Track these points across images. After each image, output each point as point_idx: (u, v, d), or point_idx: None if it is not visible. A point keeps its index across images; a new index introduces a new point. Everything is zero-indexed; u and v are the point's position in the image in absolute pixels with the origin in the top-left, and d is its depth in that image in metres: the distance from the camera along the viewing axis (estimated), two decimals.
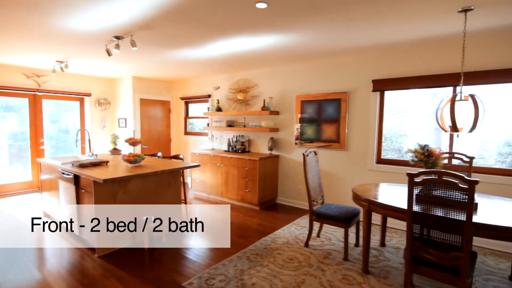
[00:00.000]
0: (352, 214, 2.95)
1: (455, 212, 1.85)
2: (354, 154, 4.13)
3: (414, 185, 1.91)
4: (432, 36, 3.11)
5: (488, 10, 2.40)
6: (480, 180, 3.13)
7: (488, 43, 3.15)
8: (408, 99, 3.92)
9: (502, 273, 2.67)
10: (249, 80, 5.24)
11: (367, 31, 2.96)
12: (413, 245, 2.02)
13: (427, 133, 3.79)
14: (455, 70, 3.30)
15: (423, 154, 2.36)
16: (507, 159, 3.34)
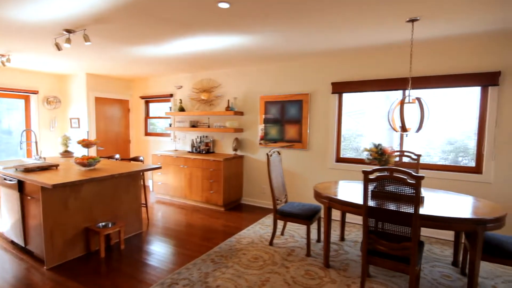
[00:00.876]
0: (313, 211, 3.06)
1: (405, 205, 2.01)
2: (315, 153, 4.28)
3: (368, 181, 2.03)
4: (385, 43, 3.34)
5: (432, 21, 2.64)
6: (425, 175, 3.46)
7: (433, 51, 3.46)
8: (364, 101, 4.16)
9: (446, 259, 2.95)
10: (213, 80, 5.18)
11: (327, 36, 3.09)
12: (368, 238, 2.15)
13: (381, 133, 4.05)
14: (404, 75, 3.59)
15: (377, 152, 2.52)
16: (449, 156, 3.70)
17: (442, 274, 2.65)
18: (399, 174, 1.91)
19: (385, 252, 2.12)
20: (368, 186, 2.05)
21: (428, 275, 2.62)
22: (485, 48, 3.23)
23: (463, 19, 2.56)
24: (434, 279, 2.55)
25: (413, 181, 1.86)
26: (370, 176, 2.01)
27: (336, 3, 2.27)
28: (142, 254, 3.03)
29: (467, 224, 2.05)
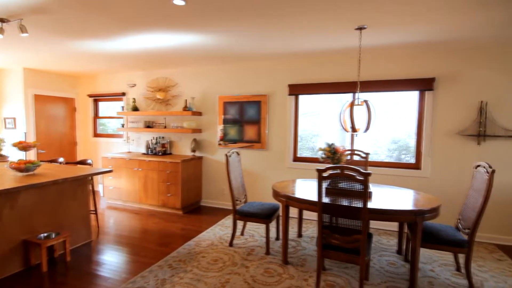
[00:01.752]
0: (272, 210, 3.12)
1: (355, 200, 2.15)
2: (274, 153, 4.37)
3: (322, 179, 2.13)
4: (337, 48, 3.54)
5: (377, 30, 2.86)
6: (373, 172, 3.73)
7: (378, 58, 3.76)
8: (319, 102, 4.36)
9: (392, 248, 3.22)
10: (169, 78, 5.01)
11: (284, 40, 3.17)
12: (323, 233, 2.25)
13: (335, 133, 4.28)
14: (354, 79, 3.84)
15: (330, 151, 2.66)
16: (393, 154, 4.05)
17: (389, 262, 2.89)
18: (349, 172, 2.04)
19: (339, 246, 2.25)
20: (322, 183, 2.15)
21: (377, 264, 2.84)
22: (422, 56, 3.59)
23: (403, 30, 2.82)
24: (381, 267, 2.77)
25: (361, 177, 2.00)
26: (323, 174, 2.11)
27: (291, 11, 2.34)
28: (92, 265, 2.81)
29: (408, 215, 2.26)
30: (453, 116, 3.52)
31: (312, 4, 2.26)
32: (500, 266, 2.86)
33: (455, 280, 2.57)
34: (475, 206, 2.37)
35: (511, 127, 3.31)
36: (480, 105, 3.39)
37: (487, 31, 2.84)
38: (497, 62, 3.34)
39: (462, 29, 2.79)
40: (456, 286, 2.48)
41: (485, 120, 3.37)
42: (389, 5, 2.26)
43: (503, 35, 2.95)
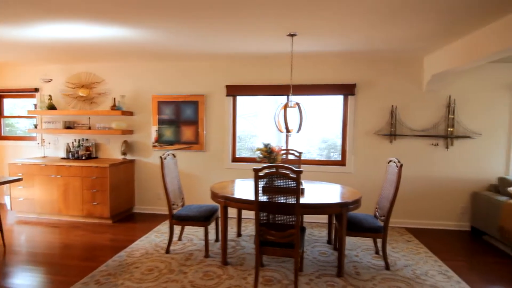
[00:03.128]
0: (211, 212, 3.08)
1: (290, 197, 2.27)
2: (212, 154, 4.33)
3: (258, 178, 2.20)
4: (272, 52, 3.68)
5: (308, 38, 3.07)
6: (305, 170, 3.97)
7: (309, 63, 4.04)
8: (257, 104, 4.48)
9: (323, 239, 3.49)
10: (94, 74, 4.53)
11: (220, 41, 3.16)
12: (260, 230, 2.32)
13: (272, 134, 4.45)
14: (287, 82, 4.04)
15: (266, 151, 2.75)
16: (323, 152, 4.40)
17: (320, 252, 3.13)
18: (283, 170, 2.14)
19: (275, 241, 2.34)
20: (258, 182, 2.21)
21: (310, 255, 3.04)
22: (346, 64, 3.99)
23: (329, 40, 3.09)
24: (314, 258, 2.98)
25: (294, 175, 2.12)
26: (259, 174, 2.18)
27: (224, 13, 2.35)
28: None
29: (335, 208, 2.49)
30: (371, 118, 4.00)
31: (245, 9, 2.30)
32: (409, 246, 3.35)
33: (375, 262, 2.92)
34: (389, 196, 2.73)
35: (415, 128, 3.92)
36: (391, 109, 3.92)
37: (397, 45, 3.30)
38: (404, 71, 3.91)
39: (377, 42, 3.19)
40: (375, 267, 2.81)
41: (395, 121, 3.92)
42: (316, 18, 2.45)
43: (409, 49, 3.47)
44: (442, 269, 2.80)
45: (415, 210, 4.01)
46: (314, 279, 2.57)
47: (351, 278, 2.59)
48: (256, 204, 2.28)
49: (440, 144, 3.90)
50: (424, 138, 3.91)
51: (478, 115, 3.82)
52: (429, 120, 3.89)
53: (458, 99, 3.82)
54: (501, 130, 3.80)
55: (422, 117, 3.90)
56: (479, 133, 3.81)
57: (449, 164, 3.90)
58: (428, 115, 3.89)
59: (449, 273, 2.72)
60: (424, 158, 3.94)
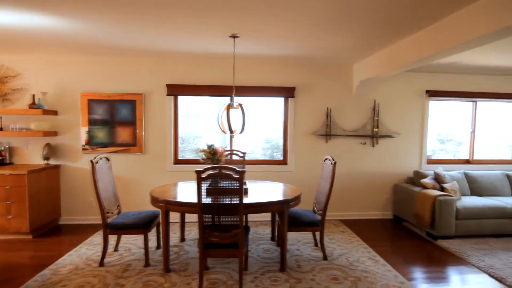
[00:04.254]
0: (150, 218, 2.91)
1: (234, 198, 2.27)
2: (152, 157, 4.10)
3: (201, 180, 2.16)
4: (215, 52, 3.65)
5: (250, 40, 3.12)
6: (249, 170, 4.06)
7: (251, 65, 4.11)
8: (201, 104, 4.39)
9: (267, 236, 3.59)
10: (8, 67, 3.90)
11: (160, 38, 3.01)
12: (204, 233, 2.28)
13: (217, 134, 4.40)
14: (231, 83, 4.06)
15: (209, 152, 2.72)
16: (267, 152, 4.53)
17: (264, 249, 3.21)
18: (226, 171, 2.14)
19: (220, 243, 2.32)
20: (201, 184, 2.17)
21: (255, 253, 3.10)
22: (286, 68, 4.18)
23: (269, 43, 3.19)
24: (258, 255, 3.04)
25: (237, 175, 2.14)
26: (202, 175, 2.14)
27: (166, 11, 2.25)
28: None
29: (277, 205, 2.58)
30: (309, 119, 4.26)
31: (188, 7, 2.24)
32: (344, 236, 3.65)
33: (314, 254, 3.11)
34: (325, 191, 2.94)
35: (347, 128, 4.30)
36: (327, 111, 4.24)
37: (332, 52, 3.58)
38: (338, 77, 4.26)
39: (315, 49, 3.42)
40: (314, 258, 3.00)
41: (330, 123, 4.25)
42: (257, 21, 2.51)
43: (342, 56, 3.79)
44: (371, 254, 3.12)
45: (348, 203, 4.40)
46: (259, 276, 2.63)
47: (293, 272, 2.72)
48: (199, 206, 2.24)
49: (368, 143, 4.35)
50: (355, 138, 4.32)
51: (397, 117, 4.37)
52: (359, 121, 4.32)
53: (381, 103, 4.32)
54: (416, 130, 4.42)
55: (352, 118, 4.31)
56: (399, 133, 4.37)
57: (375, 160, 4.38)
58: (358, 117, 4.31)
59: (376, 257, 3.05)
60: (354, 156, 4.35)
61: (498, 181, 4.18)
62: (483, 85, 4.48)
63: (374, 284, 2.52)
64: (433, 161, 4.54)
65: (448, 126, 4.69)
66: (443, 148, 4.77)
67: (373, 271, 2.76)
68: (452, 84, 4.43)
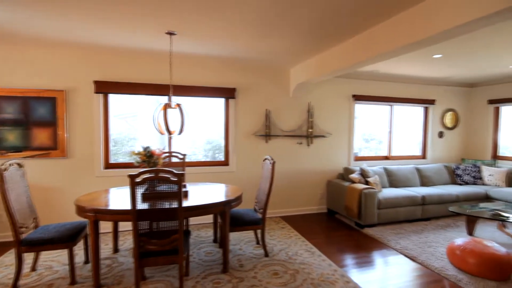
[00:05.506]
0: (76, 229, 2.61)
1: (173, 202, 2.18)
2: (78, 161, 3.68)
3: (135, 185, 2.02)
4: (150, 49, 3.45)
5: (188, 38, 3.04)
6: (190, 172, 3.96)
7: (190, 64, 4.01)
8: (137, 103, 4.09)
9: (209, 239, 3.53)
10: None
11: (88, 29, 2.72)
12: (140, 241, 2.14)
13: (155, 136, 4.17)
14: (168, 82, 3.90)
15: (145, 155, 2.56)
16: (209, 154, 4.46)
17: (206, 252, 3.16)
18: (164, 174, 2.05)
19: (158, 250, 2.21)
20: (135, 189, 2.03)
21: (196, 257, 3.03)
22: (227, 68, 4.18)
23: (208, 43, 3.16)
24: (200, 259, 2.98)
25: (175, 178, 2.06)
26: (136, 180, 2.00)
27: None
28: None
29: (219, 206, 2.57)
30: (250, 120, 4.34)
31: None
32: (283, 232, 3.82)
33: (256, 252, 3.18)
34: (265, 190, 3.04)
35: (285, 129, 4.50)
36: (266, 112, 4.38)
37: (271, 56, 3.70)
38: (277, 79, 4.44)
39: (254, 52, 3.49)
40: (256, 256, 3.07)
41: (270, 124, 4.40)
42: (194, 20, 2.46)
43: (280, 61, 3.95)
44: (308, 247, 3.33)
45: (287, 200, 4.62)
46: (201, 280, 2.57)
47: (236, 271, 2.74)
48: (133, 213, 2.09)
49: (304, 142, 4.63)
50: (292, 138, 4.56)
51: (329, 119, 4.75)
52: (295, 122, 4.57)
53: (315, 105, 4.65)
54: (344, 131, 4.86)
55: (290, 120, 4.54)
56: (330, 133, 4.76)
57: (311, 158, 4.69)
58: (295, 118, 4.56)
59: (313, 249, 3.26)
60: (292, 155, 4.58)
61: (410, 174, 4.87)
62: (398, 91, 5.17)
63: (311, 274, 2.70)
64: (359, 158, 5.06)
65: (371, 127, 5.28)
66: (368, 146, 5.36)
67: (310, 262, 2.95)
68: (374, 90, 5.01)
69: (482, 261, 2.64)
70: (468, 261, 2.72)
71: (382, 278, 2.70)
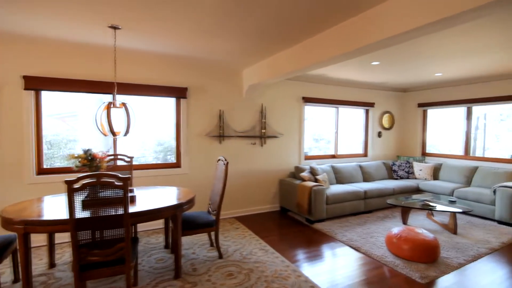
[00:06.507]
0: (1, 245, 2.29)
1: (120, 208, 2.04)
2: (4, 167, 3.23)
3: (73, 191, 1.84)
4: (92, 43, 3.17)
5: (134, 34, 2.86)
6: (138, 176, 3.74)
7: (137, 61, 3.79)
8: (77, 102, 3.73)
9: (160, 245, 3.38)
10: None
11: (13, 17, 2.39)
12: (80, 253, 1.95)
13: (98, 137, 3.84)
14: (112, 79, 3.63)
15: (86, 158, 2.35)
16: (160, 156, 4.26)
17: (157, 259, 3.01)
18: (107, 179, 1.90)
19: (101, 261, 2.04)
20: (73, 196, 1.85)
21: (146, 265, 2.87)
22: (178, 67, 4.04)
23: (157, 40, 3.02)
24: (150, 267, 2.83)
25: (120, 183, 1.93)
26: (74, 186, 1.83)
27: None
28: None
29: (169, 210, 2.47)
30: (202, 120, 4.26)
31: None
32: (238, 232, 3.82)
33: (210, 254, 3.13)
34: (218, 191, 3.01)
35: (238, 130, 4.52)
36: (220, 113, 4.35)
37: (222, 57, 3.68)
38: (230, 80, 4.43)
39: (203, 51, 3.43)
40: (210, 259, 3.02)
41: (223, 124, 4.38)
42: (139, 15, 2.34)
43: (233, 61, 3.94)
44: (262, 245, 3.39)
45: (242, 200, 4.64)
46: None
47: (189, 276, 2.66)
48: (71, 223, 1.90)
49: (257, 143, 4.71)
50: (246, 139, 4.60)
51: (281, 120, 4.90)
52: (249, 123, 4.61)
53: (267, 106, 4.75)
54: (295, 131, 5.05)
55: (243, 120, 4.57)
56: (282, 134, 4.91)
57: (264, 158, 4.78)
58: (248, 119, 4.61)
59: (267, 247, 3.33)
60: (246, 155, 4.62)
61: (354, 171, 5.27)
62: (343, 94, 5.55)
63: (265, 272, 2.75)
64: (309, 157, 5.31)
65: (320, 128, 5.58)
66: (317, 146, 5.65)
67: (264, 260, 3.00)
68: (322, 93, 5.30)
69: (414, 246, 2.97)
70: (403, 248, 3.03)
71: (331, 269, 2.87)
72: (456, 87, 5.51)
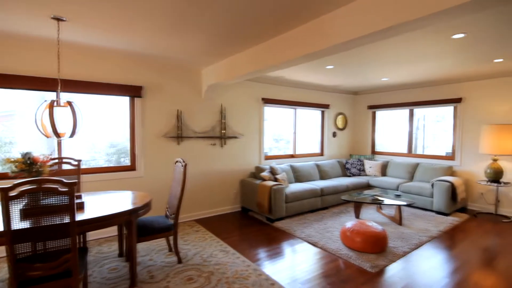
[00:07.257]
0: None
1: (65, 216, 1.86)
2: None
3: (9, 200, 1.64)
4: (32, 35, 2.87)
5: (82, 27, 2.65)
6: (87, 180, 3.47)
7: (84, 56, 3.51)
8: (14, 100, 3.33)
9: (113, 254, 3.17)
10: None
11: None
12: (18, 268, 1.75)
13: (40, 140, 3.48)
14: (55, 75, 3.32)
15: (24, 163, 2.11)
16: (113, 158, 4.00)
17: (110, 268, 2.82)
18: (49, 184, 1.73)
19: (44, 276, 1.85)
20: (9, 205, 1.65)
21: (97, 276, 2.68)
22: (132, 64, 3.83)
23: (108, 34, 2.83)
24: (103, 277, 2.65)
25: (65, 189, 1.77)
26: (10, 193, 1.63)
27: None
28: None
29: (123, 216, 2.33)
30: (159, 121, 4.10)
31: None
32: (198, 235, 3.75)
33: (168, 260, 3.02)
34: (177, 194, 2.92)
35: (198, 130, 4.43)
36: (177, 113, 4.22)
37: (179, 55, 3.57)
38: (188, 80, 4.32)
39: (159, 48, 3.31)
40: (169, 264, 2.92)
41: (181, 125, 4.26)
42: (86, 6, 2.17)
43: (192, 60, 3.85)
44: (223, 247, 3.36)
45: (202, 202, 4.56)
46: None
47: (145, 284, 2.54)
48: (8, 234, 1.70)
49: (217, 143, 4.66)
50: (205, 139, 4.53)
51: (241, 120, 4.91)
52: (208, 124, 4.55)
53: (227, 107, 4.73)
54: (255, 131, 5.11)
55: (203, 121, 4.49)
56: (242, 134, 4.93)
57: (224, 159, 4.75)
58: (208, 120, 4.54)
59: (228, 248, 3.31)
60: (205, 156, 4.55)
61: (311, 169, 5.48)
62: (301, 96, 5.75)
63: (226, 273, 2.73)
64: (269, 157, 5.41)
65: (279, 128, 5.71)
66: (277, 146, 5.78)
67: (225, 261, 2.98)
68: (280, 94, 5.43)
69: (365, 238, 3.18)
70: (355, 240, 3.24)
71: (291, 266, 2.95)
72: (400, 90, 6.04)
